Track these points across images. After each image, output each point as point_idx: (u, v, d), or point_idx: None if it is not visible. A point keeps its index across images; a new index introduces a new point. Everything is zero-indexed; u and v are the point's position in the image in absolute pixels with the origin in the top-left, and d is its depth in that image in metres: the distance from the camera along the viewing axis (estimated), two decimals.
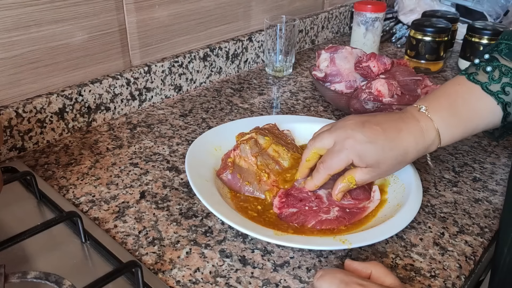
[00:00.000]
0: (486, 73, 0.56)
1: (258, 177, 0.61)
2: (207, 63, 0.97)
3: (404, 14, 1.37)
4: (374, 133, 0.55)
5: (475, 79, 0.57)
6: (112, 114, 0.83)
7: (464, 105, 0.57)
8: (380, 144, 0.54)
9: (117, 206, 0.61)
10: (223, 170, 0.62)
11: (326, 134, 0.57)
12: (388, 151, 0.54)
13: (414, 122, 0.56)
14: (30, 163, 0.69)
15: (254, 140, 0.64)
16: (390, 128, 0.56)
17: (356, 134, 0.55)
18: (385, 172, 0.57)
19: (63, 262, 0.50)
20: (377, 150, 0.54)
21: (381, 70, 0.84)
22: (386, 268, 0.45)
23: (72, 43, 0.75)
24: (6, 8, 0.65)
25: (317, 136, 0.59)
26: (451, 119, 0.57)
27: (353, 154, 0.54)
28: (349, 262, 0.48)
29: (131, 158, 0.71)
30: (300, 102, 0.92)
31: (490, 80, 0.56)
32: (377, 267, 0.44)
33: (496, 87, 0.55)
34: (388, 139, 0.55)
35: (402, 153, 0.55)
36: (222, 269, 0.51)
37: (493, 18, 1.42)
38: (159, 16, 0.86)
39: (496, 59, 0.57)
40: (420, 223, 0.60)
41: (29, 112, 0.70)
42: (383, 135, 0.55)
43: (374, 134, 0.54)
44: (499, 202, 0.64)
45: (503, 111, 0.56)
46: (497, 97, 0.55)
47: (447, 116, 0.57)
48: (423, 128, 0.56)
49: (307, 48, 1.24)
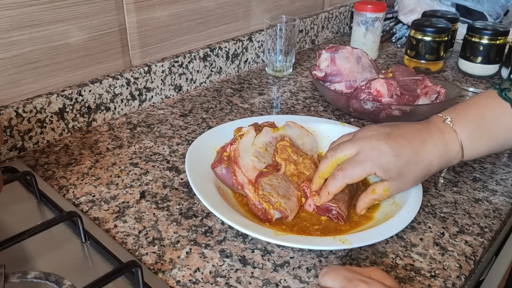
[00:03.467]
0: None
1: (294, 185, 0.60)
2: (207, 63, 0.97)
3: (404, 14, 1.37)
4: (399, 145, 0.54)
5: (507, 96, 0.55)
6: (112, 114, 0.83)
7: (493, 120, 0.55)
8: (405, 157, 0.53)
9: (117, 206, 0.61)
10: (218, 164, 0.62)
11: (348, 144, 0.56)
12: (413, 164, 0.54)
13: (439, 133, 0.55)
14: (30, 163, 0.69)
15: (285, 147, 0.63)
16: (415, 139, 0.55)
17: (381, 145, 0.54)
18: (407, 184, 0.56)
19: (63, 262, 0.50)
20: (402, 163, 0.53)
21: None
22: (384, 272, 0.45)
23: (72, 43, 0.75)
24: (6, 8, 0.65)
25: (338, 146, 0.57)
26: (477, 132, 0.55)
27: (377, 166, 0.54)
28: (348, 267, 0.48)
29: (131, 158, 0.71)
30: (300, 102, 0.92)
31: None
32: (376, 271, 0.44)
33: None
34: (413, 152, 0.54)
35: (426, 166, 0.54)
36: (222, 269, 0.51)
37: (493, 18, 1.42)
38: (159, 16, 0.86)
39: None
40: (420, 223, 0.60)
41: (29, 112, 0.70)
42: (408, 147, 0.54)
43: (400, 147, 0.54)
44: (499, 202, 0.64)
45: None
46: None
47: (473, 129, 0.55)
48: (447, 140, 0.55)
49: (307, 48, 1.24)
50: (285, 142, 0.64)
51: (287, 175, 0.60)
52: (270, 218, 0.56)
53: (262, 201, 0.56)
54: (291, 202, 0.58)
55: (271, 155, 0.63)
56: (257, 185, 0.57)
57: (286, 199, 0.57)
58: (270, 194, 0.56)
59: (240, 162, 0.60)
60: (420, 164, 0.54)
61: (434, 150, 0.54)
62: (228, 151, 0.63)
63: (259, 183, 0.57)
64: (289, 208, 0.57)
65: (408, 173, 0.54)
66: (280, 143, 0.64)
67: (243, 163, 0.60)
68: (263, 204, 0.56)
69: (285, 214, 0.56)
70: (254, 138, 0.63)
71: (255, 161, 0.61)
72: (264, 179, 0.58)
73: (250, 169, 0.59)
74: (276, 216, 0.56)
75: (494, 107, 0.56)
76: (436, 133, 0.55)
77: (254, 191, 0.57)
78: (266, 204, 0.56)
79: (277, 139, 0.65)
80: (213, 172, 0.62)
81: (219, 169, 0.61)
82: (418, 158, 0.54)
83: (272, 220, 0.56)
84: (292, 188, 0.59)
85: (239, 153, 0.61)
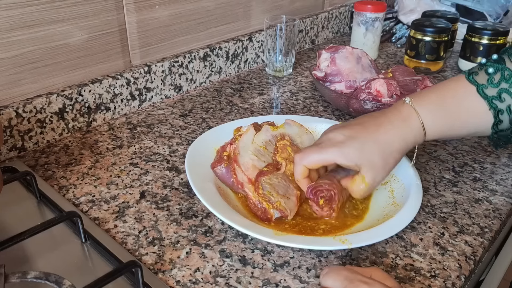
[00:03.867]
0: (487, 74, 0.54)
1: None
2: (207, 63, 0.97)
3: (404, 14, 1.37)
4: (354, 130, 0.55)
5: (473, 79, 0.55)
6: (112, 114, 0.83)
7: (453, 101, 0.55)
8: (360, 140, 0.54)
9: (117, 206, 0.61)
10: (218, 163, 0.62)
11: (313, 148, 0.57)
12: (371, 144, 0.54)
13: (396, 113, 0.56)
14: (30, 163, 0.69)
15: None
16: (370, 123, 0.56)
17: (336, 135, 0.56)
18: (381, 168, 0.54)
19: (63, 262, 0.50)
20: (358, 145, 0.54)
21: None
22: (385, 272, 0.45)
23: (72, 43, 0.75)
24: (6, 8, 0.65)
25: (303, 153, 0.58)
26: (437, 110, 0.55)
27: (337, 153, 0.54)
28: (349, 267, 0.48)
29: (131, 158, 0.71)
30: (300, 102, 0.92)
31: (488, 82, 0.54)
32: (377, 272, 0.44)
33: (493, 91, 0.53)
34: (368, 134, 0.55)
35: (385, 145, 0.54)
36: (222, 269, 0.51)
37: (493, 18, 1.42)
38: (159, 16, 0.86)
39: (503, 60, 0.54)
40: (420, 223, 0.60)
41: (29, 112, 0.70)
42: (363, 131, 0.55)
43: (354, 131, 0.55)
44: (499, 202, 0.64)
45: (494, 118, 0.54)
46: (490, 102, 0.53)
47: (433, 108, 0.55)
48: (405, 117, 0.55)
49: (307, 48, 1.24)
50: (286, 142, 0.64)
51: (287, 175, 0.60)
52: (270, 217, 0.56)
53: (262, 201, 0.56)
54: (290, 202, 0.58)
55: (271, 153, 0.63)
56: (257, 184, 0.57)
57: (285, 198, 0.57)
58: (270, 193, 0.57)
59: (240, 161, 0.60)
60: (377, 143, 0.54)
61: (390, 129, 0.55)
62: (228, 151, 0.63)
63: (259, 182, 0.57)
64: (289, 207, 0.57)
65: (370, 155, 0.54)
66: (280, 142, 0.64)
67: (242, 162, 0.60)
68: (263, 204, 0.56)
69: (285, 214, 0.56)
70: (254, 136, 0.63)
71: (255, 160, 0.61)
72: (264, 178, 0.58)
73: (250, 168, 0.59)
74: (275, 216, 0.56)
75: (457, 88, 0.56)
76: (394, 113, 0.56)
77: (254, 190, 0.57)
78: (266, 203, 0.56)
79: (277, 138, 0.65)
80: (213, 172, 0.62)
81: (219, 169, 0.61)
82: (373, 138, 0.54)
83: (272, 220, 0.56)
84: (292, 187, 0.59)
85: (239, 151, 0.61)
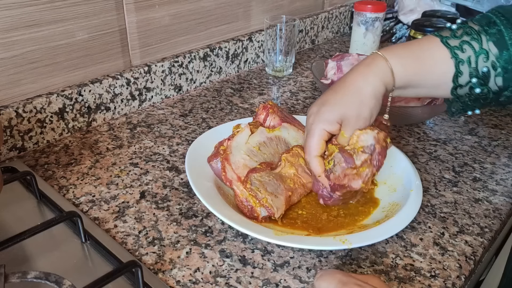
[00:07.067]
0: (450, 30, 0.57)
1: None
2: (207, 63, 0.97)
3: (404, 14, 1.37)
4: (325, 96, 0.58)
5: (438, 34, 0.57)
6: (112, 114, 0.83)
7: (419, 48, 0.57)
8: (330, 101, 0.57)
9: (117, 206, 0.61)
10: (214, 157, 0.62)
11: (305, 138, 0.59)
12: (340, 99, 0.56)
13: (361, 62, 0.58)
14: (30, 163, 0.69)
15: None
16: (338, 83, 0.58)
17: (312, 108, 0.58)
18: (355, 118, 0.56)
19: (63, 262, 0.50)
20: (329, 107, 0.56)
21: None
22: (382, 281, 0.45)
23: (72, 43, 0.75)
24: (6, 8, 0.65)
25: (306, 148, 0.59)
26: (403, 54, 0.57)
27: (320, 123, 0.56)
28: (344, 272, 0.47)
29: (131, 158, 0.71)
30: (300, 102, 0.92)
31: (451, 35, 0.56)
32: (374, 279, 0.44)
33: (455, 42, 0.56)
34: (335, 92, 0.57)
35: (355, 94, 0.56)
36: (222, 269, 0.51)
37: None
38: (159, 16, 0.86)
39: (466, 23, 0.57)
40: (420, 223, 0.60)
41: (29, 112, 0.70)
42: (331, 92, 0.58)
43: (325, 96, 0.58)
44: (499, 202, 0.64)
45: (455, 68, 0.56)
46: (453, 52, 0.55)
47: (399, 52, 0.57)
48: (369, 62, 0.57)
49: (307, 48, 1.24)
50: (302, 152, 0.63)
51: (281, 175, 0.60)
52: (257, 216, 0.56)
53: (249, 197, 0.56)
54: (278, 200, 0.57)
55: (264, 154, 0.63)
56: (246, 179, 0.57)
57: (273, 196, 0.57)
58: (258, 189, 0.57)
59: (231, 159, 0.60)
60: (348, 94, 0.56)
61: (356, 76, 0.57)
62: (225, 145, 0.63)
63: (249, 177, 0.58)
64: (276, 205, 0.57)
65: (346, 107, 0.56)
66: (296, 148, 0.63)
67: (233, 160, 0.60)
68: (250, 202, 0.56)
69: (271, 212, 0.56)
70: (248, 137, 0.63)
71: (247, 159, 0.61)
72: (255, 174, 0.58)
73: (241, 167, 0.60)
74: (262, 214, 0.56)
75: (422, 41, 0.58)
76: (360, 63, 0.58)
77: (242, 185, 0.57)
78: (253, 201, 0.56)
79: (272, 140, 0.65)
80: (209, 166, 0.62)
81: (214, 163, 0.62)
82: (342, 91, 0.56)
83: (259, 219, 0.56)
84: (282, 187, 0.59)
85: (231, 150, 0.61)
